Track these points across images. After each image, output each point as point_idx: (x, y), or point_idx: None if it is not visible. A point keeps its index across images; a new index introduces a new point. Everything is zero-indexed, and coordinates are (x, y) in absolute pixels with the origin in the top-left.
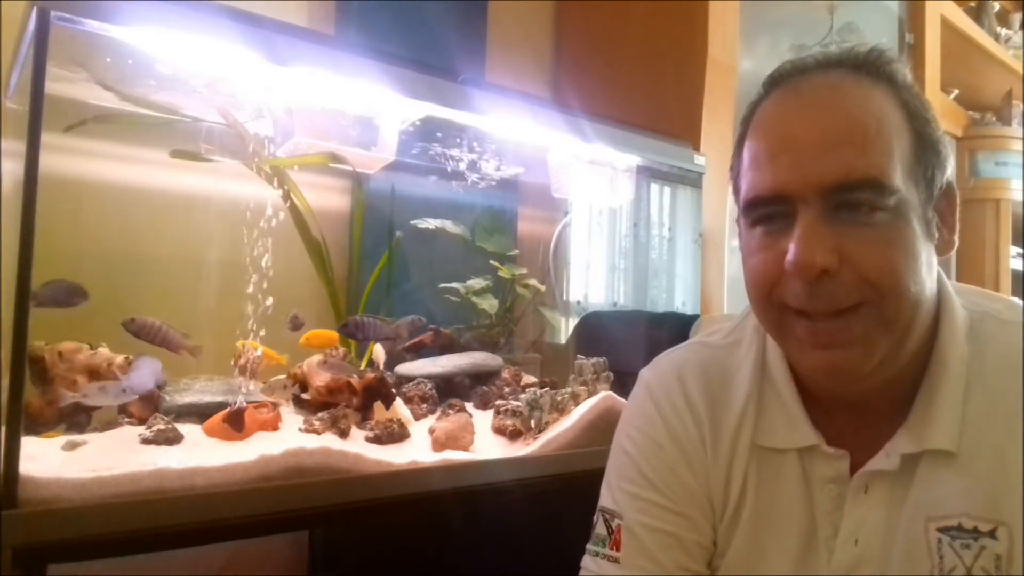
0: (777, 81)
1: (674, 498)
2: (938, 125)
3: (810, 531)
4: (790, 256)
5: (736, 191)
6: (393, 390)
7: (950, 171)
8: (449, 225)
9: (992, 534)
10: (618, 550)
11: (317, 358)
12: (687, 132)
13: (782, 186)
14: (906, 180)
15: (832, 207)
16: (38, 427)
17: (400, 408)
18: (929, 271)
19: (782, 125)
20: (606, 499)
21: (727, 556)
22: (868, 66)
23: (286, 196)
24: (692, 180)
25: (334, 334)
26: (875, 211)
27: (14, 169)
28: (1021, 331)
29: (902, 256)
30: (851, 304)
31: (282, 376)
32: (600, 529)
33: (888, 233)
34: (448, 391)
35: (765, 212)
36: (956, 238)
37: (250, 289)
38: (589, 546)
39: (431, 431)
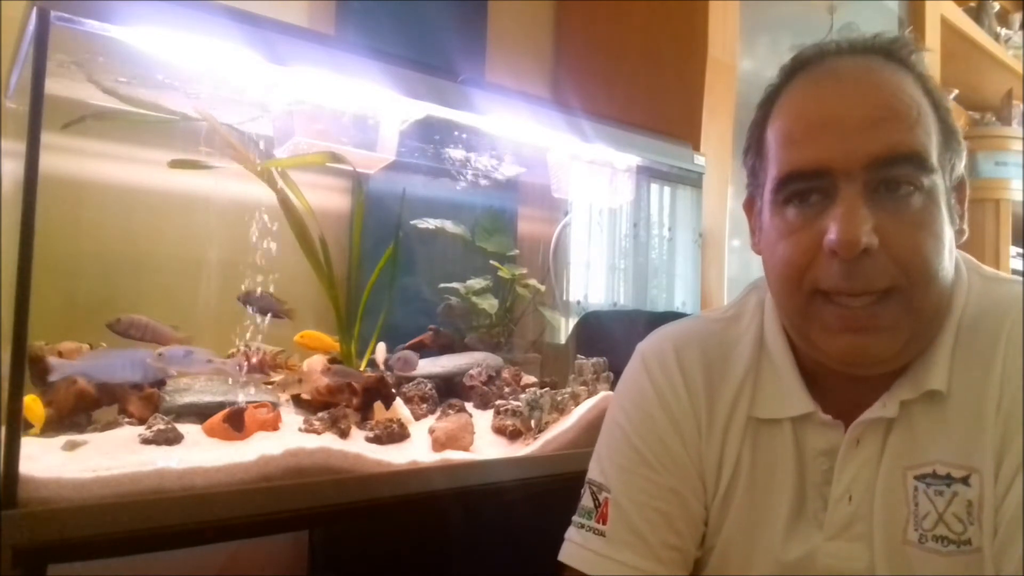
0: (803, 64)
1: (664, 473)
2: (954, 116)
3: (800, 504)
4: (832, 235)
5: (754, 174)
6: (393, 390)
7: (963, 162)
8: (449, 225)
9: (965, 480)
10: (604, 523)
11: (318, 358)
12: (687, 132)
13: (826, 161)
14: (937, 164)
15: (872, 184)
16: None
17: (400, 408)
18: (950, 256)
19: (821, 104)
20: (594, 471)
21: (722, 533)
22: (896, 54)
23: (284, 202)
24: (692, 180)
25: (330, 341)
26: (913, 192)
27: (14, 169)
28: (1001, 285)
29: (933, 241)
30: (884, 287)
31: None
32: (587, 501)
33: (921, 216)
34: (448, 391)
35: (801, 188)
36: (966, 227)
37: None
38: (575, 518)
39: (431, 431)
